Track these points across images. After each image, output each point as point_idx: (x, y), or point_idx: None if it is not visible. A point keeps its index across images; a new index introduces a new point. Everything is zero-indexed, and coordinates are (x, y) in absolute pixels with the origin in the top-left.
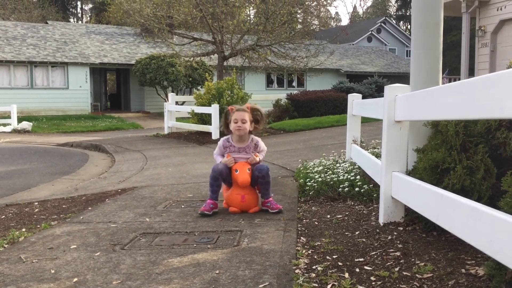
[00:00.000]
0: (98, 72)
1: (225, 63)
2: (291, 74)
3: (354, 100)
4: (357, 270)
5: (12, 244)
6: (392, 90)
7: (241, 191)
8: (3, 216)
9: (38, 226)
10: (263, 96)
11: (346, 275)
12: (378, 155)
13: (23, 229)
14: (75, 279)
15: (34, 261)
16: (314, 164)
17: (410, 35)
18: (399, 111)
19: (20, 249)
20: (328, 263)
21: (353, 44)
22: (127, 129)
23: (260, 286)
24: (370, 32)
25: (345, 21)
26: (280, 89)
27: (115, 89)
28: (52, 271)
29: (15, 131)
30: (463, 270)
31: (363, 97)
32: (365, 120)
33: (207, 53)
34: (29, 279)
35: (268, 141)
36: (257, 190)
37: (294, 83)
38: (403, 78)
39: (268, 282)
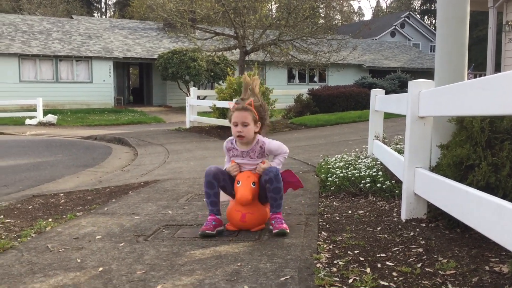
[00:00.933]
0: (121, 66)
1: (246, 58)
2: (312, 69)
3: (377, 96)
4: (379, 265)
5: (39, 233)
6: (416, 85)
7: (242, 208)
8: (30, 207)
9: (64, 216)
10: (284, 91)
11: (368, 270)
12: (400, 151)
13: (50, 219)
14: (101, 269)
15: (60, 250)
16: (335, 160)
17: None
18: (423, 106)
19: (47, 238)
20: (350, 258)
21: (376, 39)
22: (149, 123)
23: (282, 279)
24: (394, 26)
25: (368, 15)
26: (301, 84)
27: (138, 83)
28: (78, 260)
29: (41, 124)
30: (487, 268)
31: (386, 93)
32: (387, 116)
33: (229, 47)
34: (56, 268)
35: (289, 136)
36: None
37: (316, 78)
38: (427, 73)
39: (290, 275)
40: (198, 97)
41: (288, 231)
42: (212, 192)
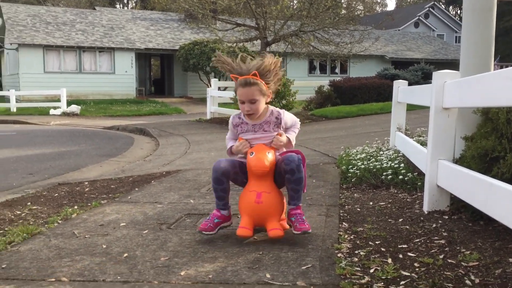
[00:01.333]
0: (143, 57)
1: (267, 49)
2: (334, 61)
3: (400, 87)
4: (401, 256)
5: (66, 220)
6: (440, 76)
7: (256, 186)
8: (56, 194)
9: (89, 204)
10: (305, 83)
11: (389, 260)
12: (423, 143)
13: (75, 207)
14: (125, 254)
15: (86, 236)
16: (356, 151)
17: (460, 20)
18: (448, 98)
19: (73, 225)
20: (371, 248)
21: (399, 30)
22: (171, 114)
23: (303, 267)
24: (417, 17)
25: (391, 6)
26: (322, 75)
27: (159, 74)
28: (104, 246)
29: (65, 114)
30: (511, 260)
31: (409, 85)
32: (410, 108)
33: (250, 38)
34: (82, 253)
35: (310, 128)
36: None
37: (337, 70)
38: (452, 65)
39: (311, 264)
40: (219, 88)
41: (310, 230)
42: (220, 187)
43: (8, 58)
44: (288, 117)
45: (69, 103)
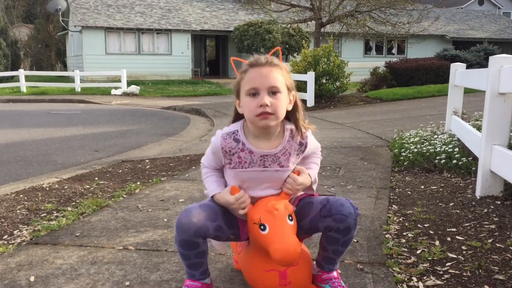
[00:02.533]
0: (199, 38)
1: (322, 30)
2: (391, 41)
3: (457, 70)
4: (449, 239)
5: (130, 195)
6: (497, 61)
7: (277, 264)
8: (120, 171)
9: (150, 180)
10: (360, 64)
11: (437, 242)
12: (479, 128)
13: (138, 183)
14: None
15: (149, 210)
16: (410, 135)
17: None
18: (504, 83)
19: (136, 199)
20: (419, 231)
21: (461, 8)
22: (225, 95)
23: (351, 246)
24: None
25: None
26: (378, 56)
27: (214, 55)
28: (165, 220)
29: (125, 94)
30: None
31: (470, 66)
32: (470, 91)
33: (304, 19)
34: (146, 225)
35: (364, 110)
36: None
37: (394, 50)
38: None
39: (359, 244)
40: None
41: None
42: (194, 252)
43: (72, 40)
44: (312, 140)
45: (128, 84)
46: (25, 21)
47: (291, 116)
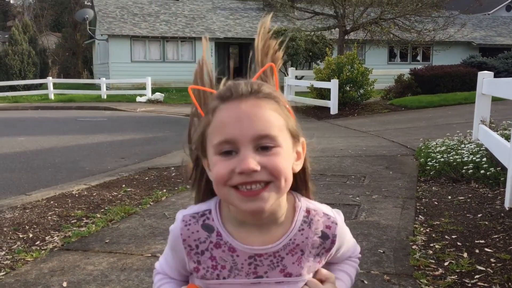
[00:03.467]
0: (222, 46)
1: (345, 37)
2: (415, 48)
3: (485, 79)
4: (477, 251)
5: (156, 202)
6: None
7: None
8: (147, 178)
9: (176, 188)
10: (384, 71)
11: (465, 254)
12: (508, 137)
13: (164, 190)
14: None
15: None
16: (436, 144)
17: None
18: None
19: (163, 207)
20: (447, 242)
21: (488, 14)
22: None
23: (377, 257)
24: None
25: None
26: (403, 63)
27: (238, 63)
28: None
29: (150, 101)
30: None
31: (498, 73)
32: (498, 98)
33: (328, 27)
34: None
35: (388, 118)
36: None
37: (419, 57)
38: None
39: (385, 255)
40: (296, 77)
41: None
42: None
43: (99, 48)
44: (345, 233)
45: (153, 91)
46: (53, 29)
47: (299, 183)
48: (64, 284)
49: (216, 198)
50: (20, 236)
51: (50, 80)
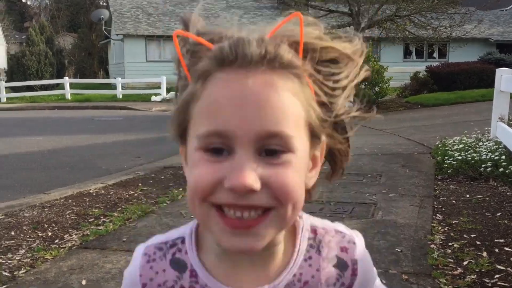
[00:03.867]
0: None
1: (361, 35)
2: (431, 45)
3: (503, 76)
4: (496, 250)
5: (173, 201)
6: None
7: None
8: (163, 177)
9: None
10: (399, 69)
11: (484, 254)
12: None
13: (180, 189)
14: None
15: (192, 216)
16: (453, 142)
17: None
18: None
19: (179, 205)
20: (465, 241)
21: (506, 10)
22: None
23: (394, 256)
24: None
25: None
26: (418, 60)
27: None
28: None
29: (164, 101)
30: None
31: None
32: None
33: (343, 25)
34: None
35: (404, 116)
36: None
37: (435, 54)
38: None
39: (403, 254)
40: None
41: None
42: None
43: (114, 48)
44: (363, 253)
45: (168, 90)
46: (69, 30)
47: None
48: (83, 282)
49: (192, 223)
50: (40, 234)
51: (66, 80)
